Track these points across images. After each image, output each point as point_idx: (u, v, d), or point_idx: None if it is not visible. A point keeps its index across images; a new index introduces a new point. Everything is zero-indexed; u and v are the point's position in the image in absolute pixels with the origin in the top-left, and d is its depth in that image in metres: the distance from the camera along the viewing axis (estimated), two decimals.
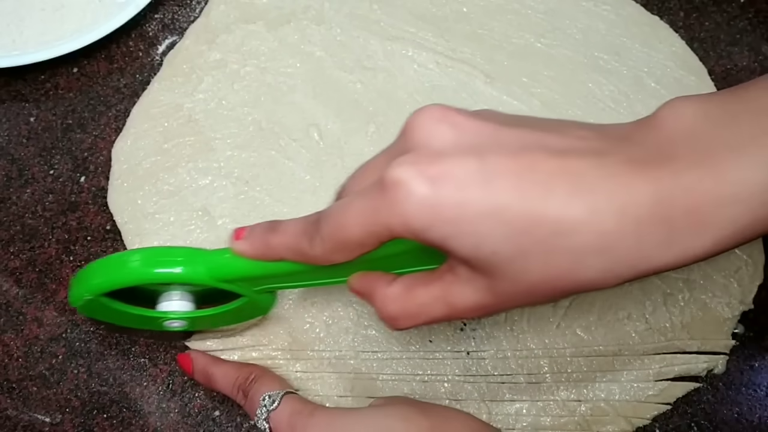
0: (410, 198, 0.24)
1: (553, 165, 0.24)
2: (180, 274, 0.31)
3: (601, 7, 0.47)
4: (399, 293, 0.28)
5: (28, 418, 0.40)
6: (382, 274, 0.29)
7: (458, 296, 0.27)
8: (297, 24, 0.47)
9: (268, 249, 0.29)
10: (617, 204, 0.23)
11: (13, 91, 0.46)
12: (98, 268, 0.32)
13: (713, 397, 0.40)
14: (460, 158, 0.24)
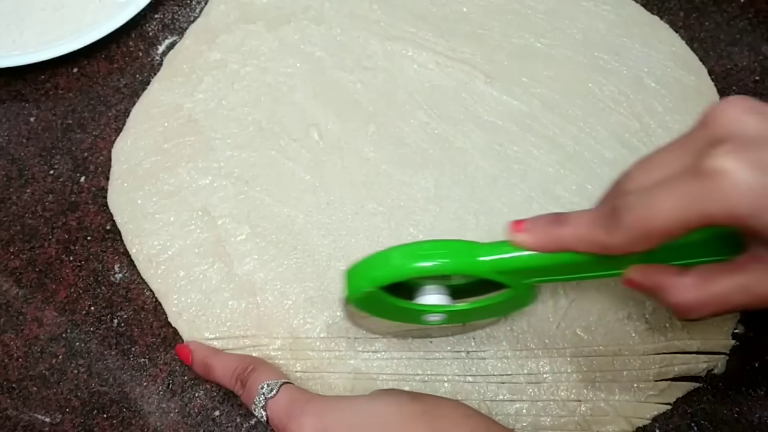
0: (737, 185, 0.24)
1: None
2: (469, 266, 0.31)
3: (601, 7, 0.47)
4: (694, 283, 0.29)
5: (28, 418, 0.40)
6: (668, 267, 0.30)
7: (764, 284, 0.27)
8: (297, 24, 0.47)
9: (555, 240, 0.30)
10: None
11: (13, 91, 0.46)
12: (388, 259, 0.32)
13: (713, 397, 0.40)
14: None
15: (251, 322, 0.41)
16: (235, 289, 0.41)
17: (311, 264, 0.42)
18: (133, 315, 0.42)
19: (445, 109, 0.45)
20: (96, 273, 0.42)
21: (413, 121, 0.44)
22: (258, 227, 0.42)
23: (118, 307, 0.42)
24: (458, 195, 0.43)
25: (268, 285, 0.41)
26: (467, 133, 0.44)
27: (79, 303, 0.42)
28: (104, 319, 0.41)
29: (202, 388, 0.40)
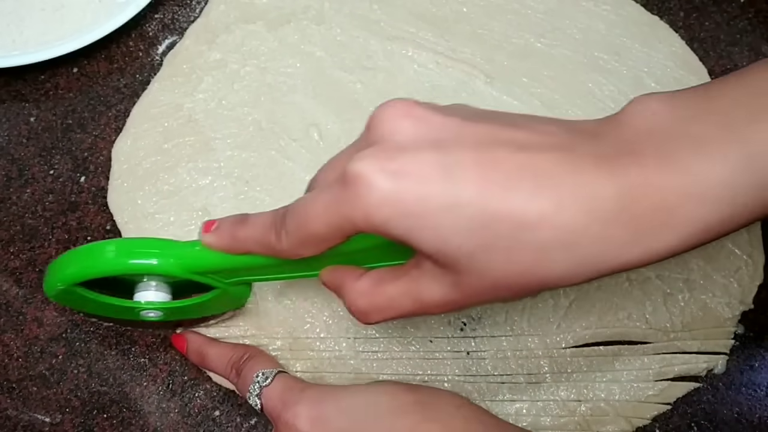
0: (371, 192, 0.24)
1: (516, 160, 0.24)
2: (154, 266, 0.31)
3: (601, 7, 0.47)
4: (367, 287, 0.28)
5: (28, 418, 0.40)
6: (351, 268, 0.29)
7: (425, 291, 0.27)
8: (297, 24, 0.47)
9: (235, 242, 0.30)
10: (582, 199, 0.23)
11: (13, 91, 0.46)
12: (73, 258, 0.32)
13: (713, 397, 0.40)
14: (421, 152, 0.24)
15: (251, 322, 0.41)
16: None
17: None
18: None
19: None
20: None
21: None
22: None
23: None
24: None
25: (267, 285, 0.41)
26: None
27: None
28: None
29: (202, 388, 0.40)
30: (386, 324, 0.40)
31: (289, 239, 0.27)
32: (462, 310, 0.27)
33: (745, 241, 0.42)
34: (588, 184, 0.23)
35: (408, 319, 0.40)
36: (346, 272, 0.29)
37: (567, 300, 0.41)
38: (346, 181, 0.24)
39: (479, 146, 0.24)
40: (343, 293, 0.29)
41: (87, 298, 0.34)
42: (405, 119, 0.25)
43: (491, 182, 0.23)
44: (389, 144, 0.25)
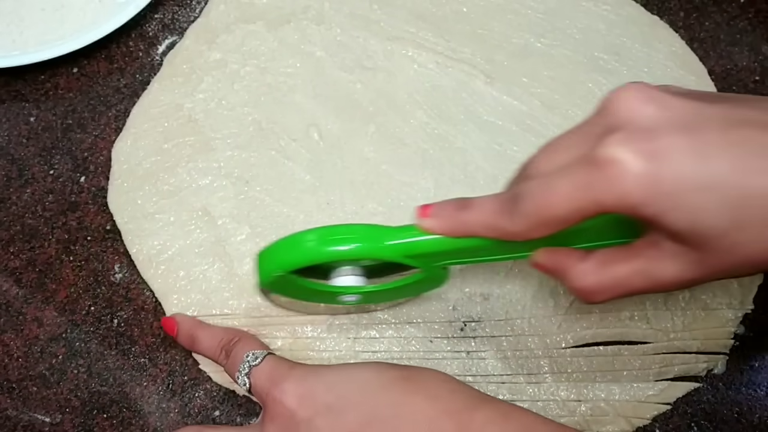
0: (628, 174, 0.24)
1: (764, 138, 0.24)
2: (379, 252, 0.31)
3: (601, 7, 0.47)
4: (595, 267, 0.29)
5: (28, 418, 0.40)
6: (571, 250, 0.30)
7: (663, 270, 0.27)
8: (297, 24, 0.47)
9: (460, 225, 0.30)
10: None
11: (13, 91, 0.46)
12: (294, 244, 0.32)
13: (713, 397, 0.40)
14: (672, 134, 0.25)
15: (251, 322, 0.41)
16: (235, 289, 0.41)
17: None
18: (133, 315, 0.42)
19: (445, 109, 0.45)
20: (96, 273, 0.42)
21: (413, 121, 0.44)
22: (258, 227, 0.42)
23: (118, 307, 0.42)
24: (458, 195, 0.43)
25: None
26: (467, 133, 0.44)
27: (79, 303, 0.42)
28: (104, 319, 0.41)
29: (202, 388, 0.40)
30: (386, 324, 0.40)
31: (524, 221, 0.27)
32: (695, 286, 0.28)
33: None
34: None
35: (408, 320, 0.40)
36: (567, 254, 0.30)
37: (567, 300, 0.41)
38: (598, 163, 0.25)
39: (726, 127, 0.25)
40: (566, 274, 0.30)
41: (295, 284, 0.34)
42: (647, 103, 0.26)
43: (744, 161, 0.24)
44: (636, 127, 0.25)
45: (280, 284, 0.34)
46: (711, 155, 0.24)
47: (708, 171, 0.24)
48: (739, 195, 0.24)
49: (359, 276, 0.35)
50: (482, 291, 0.41)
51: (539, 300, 0.41)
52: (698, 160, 0.24)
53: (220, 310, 0.41)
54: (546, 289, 0.41)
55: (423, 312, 0.41)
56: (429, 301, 0.41)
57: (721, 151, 0.24)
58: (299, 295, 0.36)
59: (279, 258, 0.33)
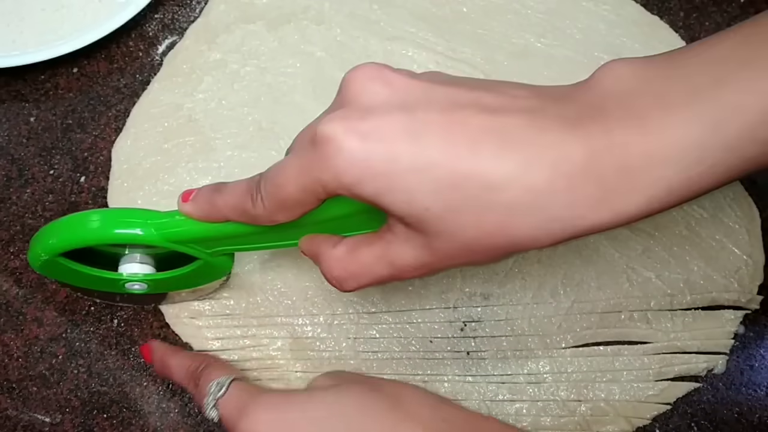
0: (340, 153, 0.24)
1: (483, 121, 0.24)
2: (136, 236, 0.31)
3: (601, 7, 0.47)
4: (343, 254, 0.28)
5: (28, 418, 0.40)
6: (328, 237, 0.30)
7: (398, 255, 0.27)
8: (297, 24, 0.47)
9: (213, 210, 0.30)
10: (548, 160, 0.23)
11: (13, 91, 0.46)
12: (56, 229, 0.32)
13: (713, 397, 0.40)
14: (389, 114, 0.24)
15: (251, 322, 0.41)
16: (235, 289, 0.41)
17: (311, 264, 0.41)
18: (133, 315, 0.42)
19: None
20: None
21: None
22: None
23: (118, 307, 0.42)
24: None
25: (268, 285, 0.41)
26: None
27: (79, 303, 0.42)
28: (104, 319, 0.41)
29: None
30: (386, 324, 0.41)
31: (264, 204, 0.27)
32: (436, 273, 0.27)
33: (745, 242, 0.42)
34: (555, 146, 0.24)
35: (408, 320, 0.40)
36: (323, 240, 0.30)
37: (568, 300, 0.41)
38: (316, 142, 0.25)
39: (447, 108, 0.24)
40: (319, 261, 0.29)
41: (72, 270, 0.34)
42: (374, 82, 0.25)
43: (458, 144, 0.24)
44: (358, 106, 0.25)
45: (54, 269, 0.34)
46: (425, 136, 0.24)
47: (420, 152, 0.24)
48: (451, 178, 0.23)
49: (146, 264, 0.35)
50: (482, 291, 0.41)
51: (539, 300, 0.41)
52: (411, 141, 0.24)
53: (220, 311, 0.41)
54: (546, 289, 0.41)
55: (423, 312, 0.41)
56: (429, 301, 0.41)
57: (435, 133, 0.24)
58: (80, 282, 0.36)
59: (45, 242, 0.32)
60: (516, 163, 0.23)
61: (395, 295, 0.41)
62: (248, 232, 0.30)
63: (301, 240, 0.31)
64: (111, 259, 0.35)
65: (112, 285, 0.36)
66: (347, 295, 0.41)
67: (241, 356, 0.40)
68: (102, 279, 0.35)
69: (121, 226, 0.31)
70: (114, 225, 0.31)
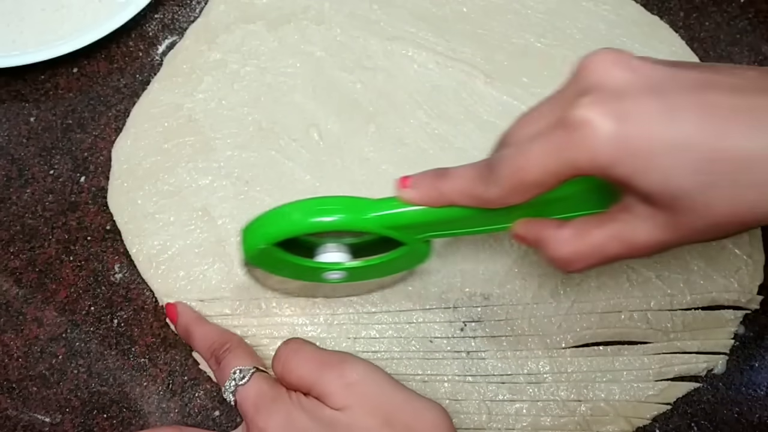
0: (598, 135, 0.25)
1: (733, 101, 0.25)
2: (357, 221, 0.32)
3: (601, 7, 0.47)
4: (571, 236, 0.29)
5: (28, 418, 0.40)
6: (548, 220, 0.30)
7: (637, 234, 0.27)
8: (297, 24, 0.47)
9: (439, 195, 0.30)
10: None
11: (13, 91, 0.46)
12: (278, 216, 0.33)
13: (713, 397, 0.40)
14: (641, 97, 0.25)
15: (251, 322, 0.41)
16: (235, 289, 0.41)
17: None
18: (133, 315, 0.42)
19: (445, 109, 0.45)
20: (96, 273, 0.42)
21: (413, 121, 0.44)
22: None
23: (118, 307, 0.42)
24: None
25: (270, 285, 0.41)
26: (467, 133, 0.44)
27: (79, 303, 0.42)
28: (104, 319, 0.41)
29: (202, 388, 0.40)
30: (386, 324, 0.40)
31: (500, 187, 0.28)
32: (668, 250, 0.28)
33: (745, 242, 0.42)
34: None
35: (408, 320, 0.40)
36: (544, 223, 0.30)
37: (568, 300, 0.41)
38: (569, 125, 0.25)
39: (696, 90, 0.25)
40: (544, 243, 0.30)
41: (280, 259, 0.34)
42: (617, 67, 0.26)
43: (712, 123, 0.24)
44: (607, 89, 0.26)
45: (264, 259, 0.34)
46: (680, 117, 0.24)
47: (677, 132, 0.24)
48: (707, 156, 0.24)
49: (343, 253, 0.35)
50: (482, 291, 0.41)
51: (539, 300, 0.41)
52: (667, 122, 0.24)
53: (220, 310, 0.41)
54: (546, 289, 0.41)
55: (423, 312, 0.41)
56: (429, 301, 0.41)
57: (690, 113, 0.25)
58: (283, 271, 0.36)
59: (263, 230, 0.33)
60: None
61: (395, 295, 0.41)
62: (467, 215, 0.30)
63: (518, 224, 0.31)
64: (307, 250, 0.35)
65: (312, 274, 0.36)
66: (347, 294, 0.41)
67: None
68: (306, 268, 0.35)
69: (339, 212, 0.32)
70: (345, 211, 0.32)
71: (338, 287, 0.39)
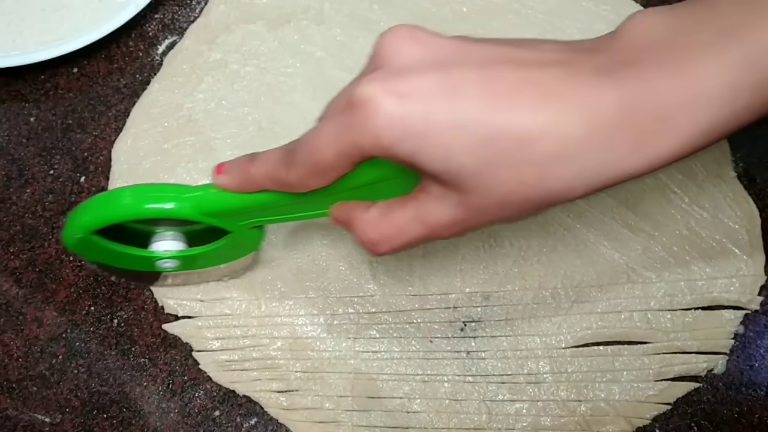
0: (378, 114, 0.24)
1: (517, 76, 0.24)
2: (169, 210, 0.31)
3: (601, 7, 0.47)
4: (376, 217, 0.29)
5: (28, 418, 0.40)
6: (359, 202, 0.30)
7: (432, 214, 0.27)
8: (297, 24, 0.47)
9: (248, 179, 0.30)
10: (583, 110, 0.24)
11: (13, 91, 0.46)
12: (89, 206, 0.32)
13: (713, 397, 0.40)
14: (425, 73, 0.24)
15: (251, 322, 0.41)
16: (235, 289, 0.41)
17: (311, 264, 0.42)
18: (133, 315, 0.42)
19: None
20: (96, 273, 0.42)
21: None
22: None
23: (118, 307, 0.42)
24: None
25: (268, 285, 0.41)
26: None
27: (79, 303, 0.42)
28: (104, 319, 0.41)
29: (202, 388, 0.40)
30: (386, 324, 0.40)
31: (298, 171, 0.27)
32: (468, 231, 0.28)
33: (745, 242, 0.42)
34: (589, 96, 0.24)
35: (408, 320, 0.40)
36: (355, 206, 0.30)
37: (568, 300, 0.41)
38: (353, 105, 0.25)
39: (481, 65, 0.25)
40: (352, 225, 0.30)
41: (104, 248, 0.34)
42: (408, 42, 0.26)
43: (494, 99, 0.24)
44: (393, 67, 0.25)
45: (87, 247, 0.34)
46: (462, 93, 0.24)
47: (457, 109, 0.24)
48: (487, 133, 0.24)
49: (177, 241, 0.35)
50: (482, 291, 0.41)
51: (539, 300, 0.41)
52: (448, 99, 0.24)
53: (220, 311, 0.41)
54: (546, 289, 0.41)
55: (423, 312, 0.41)
56: (429, 301, 0.41)
57: (472, 90, 0.24)
58: (112, 260, 0.36)
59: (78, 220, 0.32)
60: (551, 115, 0.24)
61: (395, 295, 0.41)
62: (281, 201, 0.30)
63: (333, 207, 0.31)
64: (143, 238, 0.35)
65: (144, 263, 0.36)
66: (347, 295, 0.41)
67: (241, 356, 0.40)
68: (135, 257, 0.35)
69: (154, 201, 0.31)
70: (146, 200, 0.31)
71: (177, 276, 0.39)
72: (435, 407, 0.39)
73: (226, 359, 0.40)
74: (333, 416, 0.39)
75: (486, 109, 0.24)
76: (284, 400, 0.40)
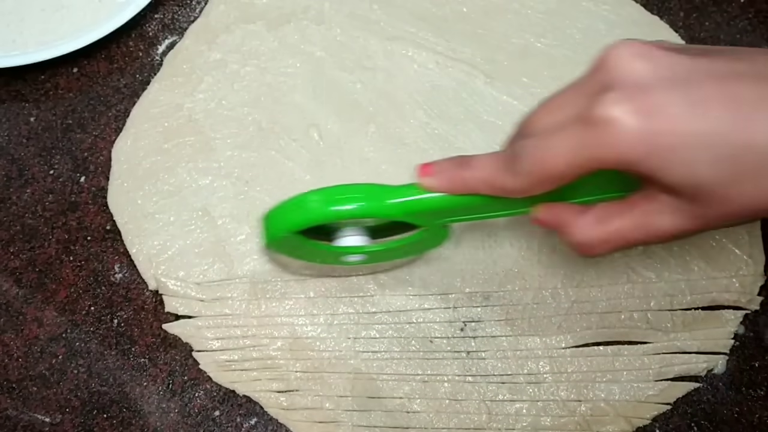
0: (625, 132, 0.25)
1: (756, 91, 0.25)
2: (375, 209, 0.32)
3: (601, 7, 0.47)
4: (593, 222, 0.30)
5: (28, 418, 0.40)
6: (570, 205, 0.31)
7: (659, 222, 0.28)
8: (297, 24, 0.47)
9: (461, 183, 0.31)
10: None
11: (13, 91, 0.46)
12: (299, 206, 0.33)
13: (713, 397, 0.40)
14: (666, 90, 0.25)
15: (251, 322, 0.41)
16: (235, 289, 0.41)
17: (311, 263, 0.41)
18: (133, 315, 0.42)
19: (445, 109, 0.45)
20: (96, 273, 0.42)
21: (413, 121, 0.44)
22: (258, 227, 0.42)
23: (118, 307, 0.42)
24: None
25: (268, 285, 0.41)
26: (467, 133, 0.44)
27: (79, 303, 0.42)
28: (104, 319, 0.41)
29: (202, 388, 0.40)
30: (386, 324, 0.40)
31: (523, 179, 0.28)
32: (690, 236, 0.29)
33: (745, 242, 0.42)
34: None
35: (408, 320, 0.40)
36: (566, 209, 0.31)
37: (568, 300, 0.41)
38: (594, 122, 0.25)
39: (720, 80, 0.25)
40: (566, 228, 0.30)
41: (300, 245, 0.35)
42: (639, 59, 0.26)
43: (736, 114, 0.25)
44: (630, 84, 0.26)
45: (285, 245, 0.35)
46: (706, 109, 0.25)
47: (704, 125, 0.25)
48: (735, 147, 0.24)
49: (363, 236, 0.36)
50: (482, 291, 0.41)
51: (539, 300, 0.41)
52: (694, 115, 0.25)
53: (220, 310, 0.41)
54: (546, 289, 0.41)
55: (423, 312, 0.41)
56: (429, 301, 0.41)
57: (716, 105, 0.25)
58: (304, 255, 0.37)
59: (285, 219, 0.33)
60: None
61: (395, 295, 0.41)
62: (487, 203, 0.31)
63: (539, 209, 0.32)
64: (328, 231, 0.36)
65: (331, 258, 0.37)
66: (347, 295, 0.41)
67: (241, 356, 0.40)
68: (325, 252, 0.36)
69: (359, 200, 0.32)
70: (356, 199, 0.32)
71: (357, 267, 0.40)
72: (435, 407, 0.39)
73: (226, 359, 0.40)
74: (333, 416, 0.39)
75: (730, 126, 0.24)
76: (284, 400, 0.40)
